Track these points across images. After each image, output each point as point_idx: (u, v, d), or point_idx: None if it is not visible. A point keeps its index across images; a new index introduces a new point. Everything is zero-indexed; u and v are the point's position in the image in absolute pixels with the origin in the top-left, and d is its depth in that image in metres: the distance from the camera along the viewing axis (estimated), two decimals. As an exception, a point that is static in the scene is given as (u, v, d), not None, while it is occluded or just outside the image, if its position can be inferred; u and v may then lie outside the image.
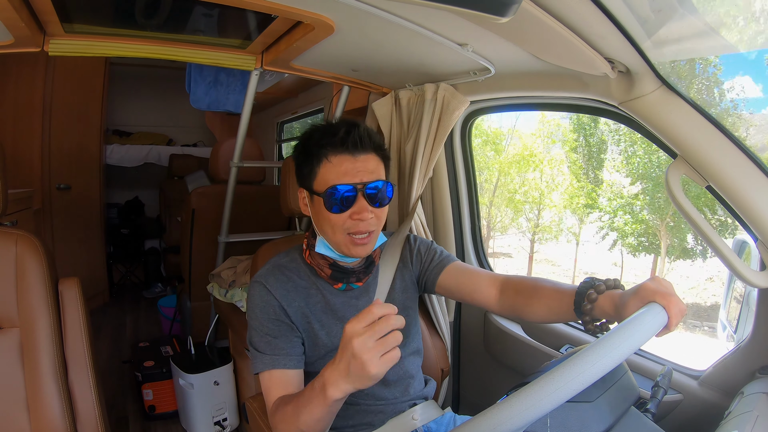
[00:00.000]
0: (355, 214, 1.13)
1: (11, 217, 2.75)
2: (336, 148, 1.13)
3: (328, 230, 1.17)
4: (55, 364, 1.29)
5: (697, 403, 1.26)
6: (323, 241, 1.22)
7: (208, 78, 3.13)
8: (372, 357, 0.79)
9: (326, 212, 1.14)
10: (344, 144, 1.13)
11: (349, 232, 1.15)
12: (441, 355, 1.76)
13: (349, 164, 1.13)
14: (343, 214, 1.13)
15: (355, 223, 1.13)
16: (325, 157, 1.14)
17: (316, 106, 3.77)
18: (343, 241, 1.16)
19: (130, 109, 5.66)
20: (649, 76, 1.08)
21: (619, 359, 0.70)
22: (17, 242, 1.30)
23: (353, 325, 0.81)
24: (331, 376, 0.87)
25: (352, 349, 0.80)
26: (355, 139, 1.13)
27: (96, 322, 3.85)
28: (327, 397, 0.88)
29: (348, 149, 1.13)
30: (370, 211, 1.14)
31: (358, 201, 1.13)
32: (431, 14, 1.10)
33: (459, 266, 1.36)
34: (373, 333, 0.79)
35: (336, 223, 1.14)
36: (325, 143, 1.14)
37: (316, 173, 1.16)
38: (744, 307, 1.36)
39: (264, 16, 1.39)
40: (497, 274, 1.29)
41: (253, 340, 1.19)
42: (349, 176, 1.13)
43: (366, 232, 1.15)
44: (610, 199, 10.69)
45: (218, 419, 2.42)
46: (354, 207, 1.13)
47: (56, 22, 1.39)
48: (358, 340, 0.79)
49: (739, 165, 1.05)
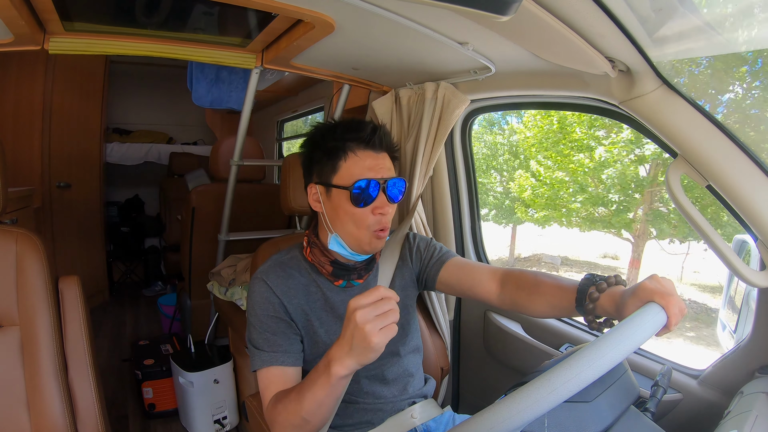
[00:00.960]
0: (377, 209, 1.16)
1: (11, 215, 2.75)
2: (361, 143, 1.17)
3: (348, 225, 1.18)
4: (56, 363, 1.29)
5: (697, 403, 1.26)
6: (337, 238, 1.22)
7: (209, 76, 3.13)
8: (373, 328, 0.85)
9: (349, 206, 1.16)
10: (370, 141, 1.17)
11: (373, 229, 1.17)
12: (441, 354, 1.76)
13: (372, 161, 1.17)
14: (366, 208, 1.16)
15: (378, 218, 1.17)
16: (351, 151, 1.17)
17: (317, 104, 3.76)
18: (367, 236, 1.18)
19: (130, 108, 5.66)
20: (649, 75, 1.08)
21: (616, 361, 0.70)
22: (17, 240, 1.30)
23: (357, 299, 0.87)
24: (335, 352, 0.92)
25: (355, 320, 0.86)
26: (381, 137, 1.19)
27: (96, 321, 3.85)
28: (331, 375, 0.93)
29: (373, 146, 1.18)
30: (389, 206, 1.18)
31: (379, 196, 1.16)
32: (432, 13, 1.10)
33: (459, 261, 1.36)
34: (374, 308, 0.86)
35: (360, 218, 1.16)
36: (351, 138, 1.17)
37: (338, 167, 1.18)
38: (744, 307, 1.36)
39: (264, 15, 1.39)
40: (497, 268, 1.29)
41: (252, 337, 1.20)
42: (373, 172, 1.16)
43: (386, 228, 1.19)
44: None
45: (218, 417, 2.43)
46: (376, 202, 1.16)
47: (56, 20, 1.39)
48: (361, 312, 0.86)
49: (739, 164, 1.05)
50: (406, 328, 1.36)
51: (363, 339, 0.86)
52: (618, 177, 6.81)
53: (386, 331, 0.86)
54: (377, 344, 0.86)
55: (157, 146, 5.45)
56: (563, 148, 7.18)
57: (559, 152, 7.23)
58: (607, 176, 6.90)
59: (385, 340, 0.86)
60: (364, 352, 0.88)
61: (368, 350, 0.87)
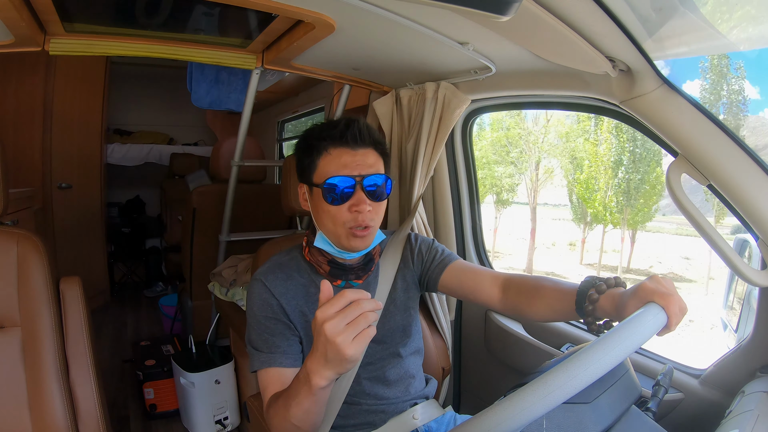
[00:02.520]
0: (353, 207, 1.14)
1: (12, 216, 2.75)
2: (335, 141, 1.15)
3: (327, 223, 1.17)
4: (57, 364, 1.29)
5: (698, 402, 1.26)
6: (322, 235, 1.22)
7: (209, 77, 3.13)
8: (344, 339, 0.79)
9: (325, 204, 1.15)
10: (343, 137, 1.15)
11: (349, 226, 1.15)
12: (442, 354, 1.76)
13: (349, 157, 1.15)
14: (341, 206, 1.14)
15: (354, 216, 1.14)
16: (325, 150, 1.16)
17: (317, 104, 3.77)
18: (343, 233, 1.16)
19: (131, 109, 5.67)
20: (650, 74, 1.08)
21: (615, 362, 0.70)
22: (18, 242, 1.30)
23: (324, 310, 0.81)
24: (312, 364, 0.87)
25: (324, 333, 0.80)
26: (354, 133, 1.15)
27: (97, 322, 3.85)
28: (312, 386, 0.89)
29: (347, 143, 1.15)
30: (368, 203, 1.14)
31: (356, 193, 1.14)
32: (432, 13, 1.10)
33: (461, 264, 1.36)
34: (343, 316, 0.80)
35: (336, 216, 1.15)
36: (325, 136, 1.16)
37: (315, 165, 1.17)
38: (745, 306, 1.36)
39: (265, 15, 1.39)
40: (499, 273, 1.29)
41: (251, 338, 1.20)
42: (348, 169, 1.14)
43: (364, 226, 1.16)
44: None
45: (219, 418, 2.43)
46: (352, 199, 1.14)
47: (57, 22, 1.39)
48: (329, 324, 0.80)
49: (740, 164, 1.05)
50: (408, 329, 1.36)
51: (337, 352, 0.80)
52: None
53: (360, 339, 0.80)
54: (352, 356, 0.81)
55: (157, 147, 5.46)
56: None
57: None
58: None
59: (361, 350, 0.81)
60: (340, 363, 0.83)
61: (344, 362, 0.82)
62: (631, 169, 10.06)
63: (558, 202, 13.20)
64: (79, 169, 4.15)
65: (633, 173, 10.12)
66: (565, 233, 12.42)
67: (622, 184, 10.15)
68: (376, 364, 1.30)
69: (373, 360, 1.30)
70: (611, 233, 11.10)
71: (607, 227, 10.92)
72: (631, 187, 10.08)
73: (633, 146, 9.94)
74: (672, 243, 11.43)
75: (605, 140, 10.43)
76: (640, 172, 9.99)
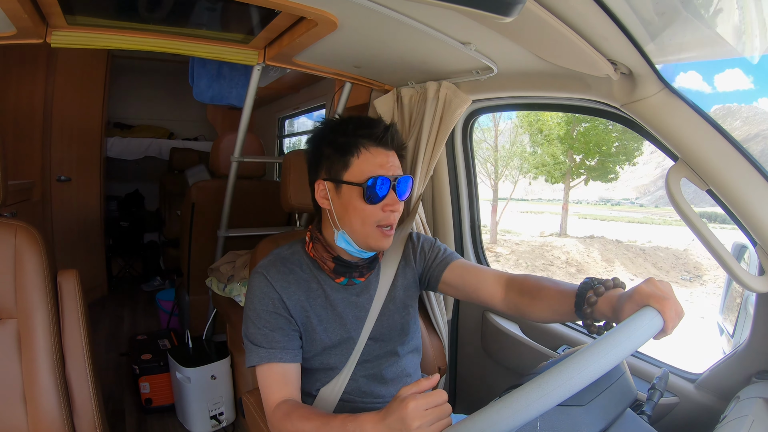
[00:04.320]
0: (388, 206, 1.17)
1: (11, 208, 2.75)
2: (375, 140, 1.17)
3: (356, 222, 1.18)
4: (53, 356, 1.29)
5: (693, 407, 1.26)
6: (344, 234, 1.21)
7: (211, 71, 3.13)
8: (423, 424, 0.84)
9: (359, 203, 1.16)
10: (383, 138, 1.17)
11: (380, 224, 1.17)
12: (438, 354, 1.76)
13: (384, 158, 1.18)
14: (376, 205, 1.16)
15: (387, 215, 1.17)
16: (364, 147, 1.17)
17: (318, 102, 3.76)
18: (373, 232, 1.18)
19: (131, 102, 5.66)
20: (651, 78, 1.08)
21: (610, 365, 0.70)
22: (16, 233, 1.30)
23: (410, 389, 0.87)
24: (371, 428, 0.90)
25: (405, 410, 0.84)
26: (393, 135, 1.19)
27: (94, 315, 3.85)
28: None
29: (386, 144, 1.18)
30: (399, 203, 1.19)
31: (390, 193, 1.17)
32: (435, 12, 1.10)
33: (463, 263, 1.36)
34: (428, 401, 0.85)
35: (369, 215, 1.16)
36: (363, 134, 1.17)
37: (350, 163, 1.17)
38: (742, 312, 1.36)
39: (267, 11, 1.39)
40: (502, 273, 1.29)
41: (249, 332, 1.19)
42: (383, 169, 1.16)
43: (392, 225, 1.19)
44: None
45: (215, 413, 2.43)
46: (387, 199, 1.16)
47: (59, 14, 1.38)
48: (414, 403, 0.84)
49: (739, 169, 1.05)
50: (406, 327, 1.36)
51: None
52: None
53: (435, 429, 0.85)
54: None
55: (157, 141, 5.45)
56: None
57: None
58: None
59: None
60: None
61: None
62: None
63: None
64: (78, 162, 4.14)
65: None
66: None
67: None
68: (373, 361, 1.30)
69: (370, 358, 1.30)
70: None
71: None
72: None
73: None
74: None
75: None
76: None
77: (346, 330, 1.27)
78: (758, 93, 13.22)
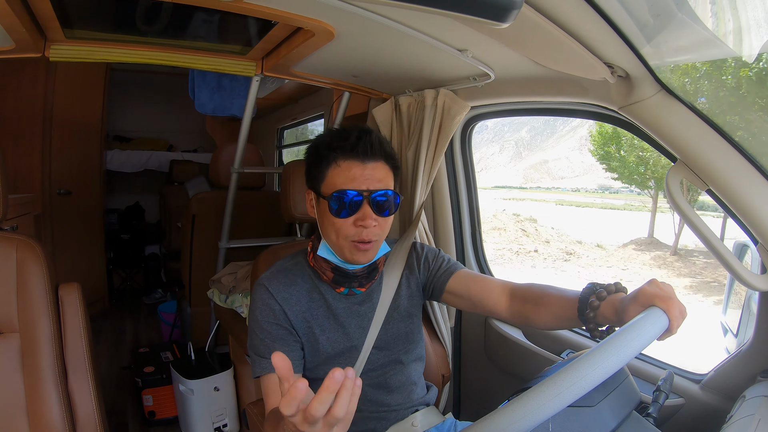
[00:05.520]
0: (359, 221, 1.13)
1: (11, 222, 2.75)
2: (346, 152, 1.14)
3: (331, 234, 1.17)
4: (55, 370, 1.29)
5: (699, 407, 1.26)
6: (326, 245, 1.22)
7: (211, 83, 3.15)
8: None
9: (331, 216, 1.14)
10: (354, 150, 1.13)
11: (352, 240, 1.15)
12: (442, 361, 1.76)
13: (358, 170, 1.14)
14: (347, 219, 1.14)
15: (359, 230, 1.14)
16: (335, 161, 1.15)
17: (317, 111, 3.77)
18: (347, 246, 1.16)
19: (130, 115, 5.68)
20: (648, 80, 1.08)
21: (621, 364, 0.70)
22: (17, 247, 1.30)
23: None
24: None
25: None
26: (366, 146, 1.13)
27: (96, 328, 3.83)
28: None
29: (358, 155, 1.14)
30: (374, 219, 1.14)
31: (363, 208, 1.13)
32: (431, 20, 1.11)
33: (468, 273, 1.35)
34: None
35: (340, 228, 1.14)
36: (335, 147, 1.15)
37: (324, 176, 1.17)
38: (745, 311, 1.36)
39: (264, 22, 1.40)
40: (506, 282, 1.28)
41: (252, 343, 1.20)
42: (356, 182, 1.13)
43: (369, 240, 1.15)
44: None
45: (218, 425, 2.42)
46: (358, 213, 1.13)
47: (57, 28, 1.39)
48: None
49: (739, 168, 1.05)
50: (410, 336, 1.35)
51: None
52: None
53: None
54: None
55: (157, 154, 5.47)
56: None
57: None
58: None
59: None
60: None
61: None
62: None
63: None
64: (78, 176, 4.16)
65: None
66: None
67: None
68: (378, 370, 1.30)
69: (375, 366, 1.29)
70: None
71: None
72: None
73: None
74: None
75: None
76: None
77: (349, 339, 1.26)
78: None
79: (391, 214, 1.18)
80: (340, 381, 0.62)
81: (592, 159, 12.71)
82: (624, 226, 17.37)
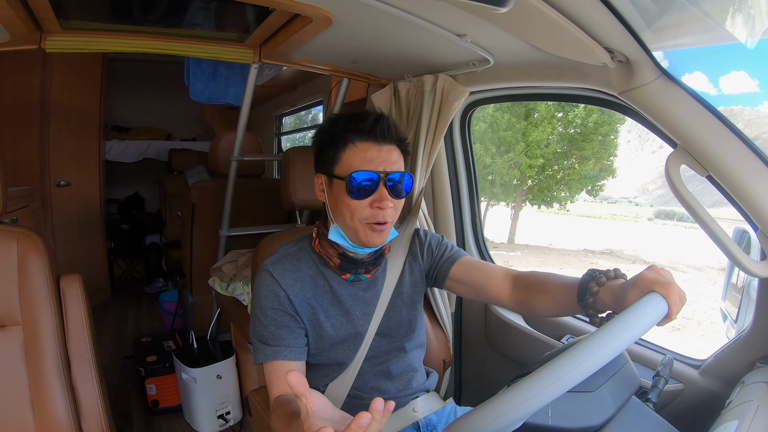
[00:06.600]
0: (375, 203, 1.13)
1: (11, 214, 2.75)
2: (363, 134, 1.15)
3: (346, 216, 1.16)
4: (58, 361, 1.30)
5: (698, 393, 1.27)
6: (337, 228, 1.21)
7: (207, 71, 3.13)
8: None
9: (346, 197, 1.14)
10: (372, 132, 1.14)
11: (368, 221, 1.15)
12: (443, 347, 1.76)
13: (374, 152, 1.14)
14: (363, 201, 1.14)
15: (375, 212, 1.14)
16: (351, 142, 1.15)
17: (316, 98, 3.76)
18: (361, 228, 1.16)
19: (128, 105, 5.64)
20: (648, 65, 1.07)
21: (620, 349, 0.70)
22: (18, 240, 1.30)
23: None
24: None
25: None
26: (383, 129, 1.14)
27: (98, 318, 3.86)
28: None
29: (375, 137, 1.15)
30: (390, 200, 1.14)
31: (379, 189, 1.13)
32: (429, 5, 1.10)
33: (471, 260, 1.35)
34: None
35: (355, 210, 1.14)
36: (352, 128, 1.15)
37: (339, 157, 1.16)
38: (744, 297, 1.36)
39: (261, 9, 1.39)
40: (509, 269, 1.28)
41: (255, 329, 1.20)
42: (373, 164, 1.13)
43: (384, 222, 1.16)
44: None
45: (222, 413, 2.44)
46: (375, 195, 1.13)
47: (53, 19, 1.38)
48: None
49: (739, 154, 1.05)
50: (413, 323, 1.36)
51: None
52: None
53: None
54: None
55: (156, 143, 5.46)
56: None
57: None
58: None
59: None
60: None
61: None
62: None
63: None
64: (77, 167, 4.15)
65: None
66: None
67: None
68: (380, 357, 1.31)
69: (378, 353, 1.30)
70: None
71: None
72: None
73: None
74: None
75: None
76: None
77: (353, 325, 1.27)
78: (763, 96, 13.21)
79: (404, 196, 1.19)
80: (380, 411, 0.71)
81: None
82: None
